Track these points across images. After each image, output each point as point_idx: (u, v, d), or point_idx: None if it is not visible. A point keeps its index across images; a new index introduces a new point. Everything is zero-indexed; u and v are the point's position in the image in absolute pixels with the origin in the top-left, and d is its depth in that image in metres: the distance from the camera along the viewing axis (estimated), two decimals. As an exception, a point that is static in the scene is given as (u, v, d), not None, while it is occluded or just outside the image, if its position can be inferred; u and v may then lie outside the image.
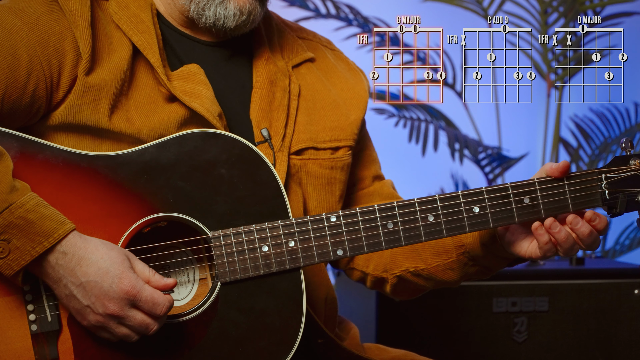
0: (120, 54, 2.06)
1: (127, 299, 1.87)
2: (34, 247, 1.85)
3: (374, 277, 2.30)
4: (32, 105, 2.01)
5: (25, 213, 1.84)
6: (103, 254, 1.87)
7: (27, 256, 1.85)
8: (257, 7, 2.12)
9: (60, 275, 1.87)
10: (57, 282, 1.88)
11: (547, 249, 2.03)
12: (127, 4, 2.12)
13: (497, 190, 2.02)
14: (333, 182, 2.24)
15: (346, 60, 2.38)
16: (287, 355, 1.98)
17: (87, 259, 1.87)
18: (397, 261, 2.26)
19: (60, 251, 1.86)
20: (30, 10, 2.03)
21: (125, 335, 1.90)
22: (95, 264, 1.86)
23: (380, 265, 2.28)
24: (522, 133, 5.12)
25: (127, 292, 1.87)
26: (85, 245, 1.87)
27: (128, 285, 1.87)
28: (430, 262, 2.21)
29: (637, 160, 2.04)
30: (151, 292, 1.88)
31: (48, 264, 1.86)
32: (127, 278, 1.87)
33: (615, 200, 2.04)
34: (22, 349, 1.92)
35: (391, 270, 2.27)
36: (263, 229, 1.98)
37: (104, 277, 1.86)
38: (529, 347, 3.37)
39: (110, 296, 1.86)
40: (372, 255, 2.29)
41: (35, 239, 1.84)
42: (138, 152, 1.97)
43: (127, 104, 2.06)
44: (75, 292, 1.87)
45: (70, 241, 1.86)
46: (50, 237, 1.85)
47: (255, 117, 2.16)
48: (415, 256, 2.23)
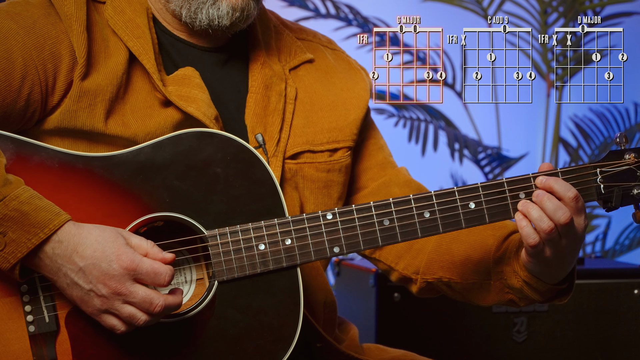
0: (116, 58, 2.06)
1: (127, 275, 1.86)
2: (29, 239, 1.84)
3: (402, 275, 2.28)
4: (26, 109, 2.01)
5: (19, 205, 1.84)
6: (96, 235, 1.87)
7: (24, 248, 1.84)
8: (250, 2, 2.11)
9: (58, 265, 1.86)
10: (56, 273, 1.88)
11: (526, 232, 1.97)
12: (123, 8, 2.11)
13: (492, 185, 2.02)
14: (330, 185, 2.23)
15: (347, 60, 2.37)
16: (285, 353, 1.98)
17: (82, 244, 1.86)
18: (432, 268, 2.23)
19: (56, 240, 1.85)
20: (27, 14, 2.03)
21: (131, 316, 1.87)
22: (91, 247, 1.86)
23: (412, 267, 2.27)
24: (521, 133, 5.13)
25: (127, 267, 1.86)
26: (79, 231, 1.87)
27: (126, 260, 1.86)
28: (467, 279, 2.19)
29: (631, 155, 2.04)
30: (151, 263, 1.87)
31: (45, 255, 1.86)
32: (124, 253, 1.86)
33: (610, 194, 2.03)
34: (20, 350, 1.92)
35: (423, 275, 2.25)
36: (259, 228, 1.98)
37: (100, 257, 1.86)
38: (528, 347, 3.37)
39: (111, 274, 1.85)
40: (405, 253, 2.27)
41: (30, 231, 1.84)
42: (133, 152, 1.97)
43: (123, 109, 2.05)
44: (76, 279, 1.87)
45: (66, 230, 1.86)
46: (45, 228, 1.84)
47: (250, 122, 2.15)
48: (452, 268, 2.21)
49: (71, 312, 1.94)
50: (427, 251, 2.23)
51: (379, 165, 2.33)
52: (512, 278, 2.08)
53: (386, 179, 2.31)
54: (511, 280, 2.09)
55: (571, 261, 2.04)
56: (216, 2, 2.09)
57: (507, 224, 2.18)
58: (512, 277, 2.08)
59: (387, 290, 3.34)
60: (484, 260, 2.15)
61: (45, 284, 1.93)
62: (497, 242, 2.14)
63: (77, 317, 1.94)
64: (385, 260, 2.30)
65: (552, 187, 1.98)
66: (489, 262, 2.14)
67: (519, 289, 2.08)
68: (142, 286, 1.87)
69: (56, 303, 1.93)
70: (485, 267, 2.15)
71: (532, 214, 1.97)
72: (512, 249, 2.10)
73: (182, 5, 2.11)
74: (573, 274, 2.09)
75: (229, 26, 2.12)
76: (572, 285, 2.10)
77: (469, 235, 2.18)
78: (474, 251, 2.17)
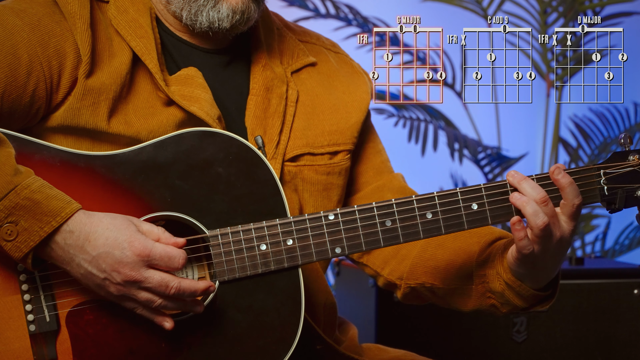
0: (120, 58, 2.06)
1: (141, 261, 1.86)
2: (42, 227, 1.85)
3: (387, 281, 2.29)
4: (31, 106, 2.01)
5: (31, 194, 1.84)
6: (108, 224, 1.87)
7: (36, 237, 1.85)
8: (251, 5, 2.11)
9: (71, 255, 1.87)
10: (70, 263, 1.88)
11: (522, 245, 1.97)
12: (126, 8, 2.11)
13: (495, 187, 2.01)
14: (330, 188, 2.23)
15: (350, 63, 2.36)
16: (286, 353, 1.98)
17: (94, 233, 1.86)
18: (415, 273, 2.23)
19: (67, 230, 1.86)
20: (32, 12, 2.03)
21: (148, 300, 1.88)
22: (103, 235, 1.86)
23: (397, 272, 2.27)
24: (521, 133, 5.13)
25: (140, 254, 1.86)
26: (90, 220, 1.87)
27: (139, 246, 1.86)
28: (449, 284, 2.19)
29: (635, 156, 2.03)
30: (163, 247, 1.88)
31: (57, 245, 1.86)
32: (137, 240, 1.86)
33: (614, 196, 2.03)
34: (20, 349, 1.92)
35: (407, 280, 2.25)
36: (261, 228, 1.98)
37: (113, 245, 1.86)
38: (528, 347, 3.37)
39: (125, 262, 1.86)
40: (390, 259, 2.27)
41: (42, 219, 1.84)
42: (135, 151, 1.97)
43: (126, 108, 2.06)
44: (90, 268, 1.87)
45: (76, 219, 1.86)
46: (57, 216, 1.85)
47: (250, 124, 2.15)
48: (435, 273, 2.21)
49: (72, 311, 1.94)
50: (411, 257, 2.23)
51: (375, 169, 2.33)
52: (495, 281, 2.08)
53: (380, 183, 2.32)
54: (493, 284, 2.08)
55: (556, 264, 2.03)
56: (216, 4, 2.09)
57: (493, 231, 2.17)
58: (494, 279, 2.08)
59: (387, 290, 3.33)
60: (467, 265, 2.15)
61: (46, 283, 1.93)
62: (481, 247, 2.14)
63: (77, 317, 1.94)
64: (372, 265, 2.30)
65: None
66: (472, 266, 2.14)
67: (500, 293, 2.08)
68: (157, 271, 1.87)
69: (57, 302, 1.94)
70: (468, 271, 2.15)
71: (527, 209, 1.97)
72: (497, 252, 2.09)
73: (182, 7, 2.11)
74: (557, 281, 2.09)
75: (229, 29, 2.12)
76: (555, 291, 2.09)
77: (454, 242, 2.18)
78: (457, 257, 2.17)
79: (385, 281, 2.29)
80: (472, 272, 2.14)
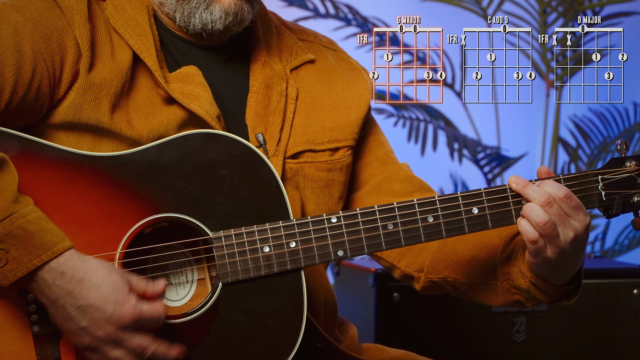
0: (121, 55, 2.06)
1: (131, 325, 1.85)
2: (31, 260, 1.81)
3: (405, 273, 2.28)
4: (36, 102, 2.01)
5: (26, 224, 1.82)
6: (104, 277, 1.85)
7: (24, 268, 1.81)
8: (244, 6, 2.11)
9: (57, 295, 1.84)
10: (54, 303, 1.85)
11: (531, 250, 1.99)
12: (123, 6, 2.11)
13: (495, 191, 2.02)
14: (331, 184, 2.24)
15: (348, 60, 2.37)
16: (288, 355, 1.98)
17: (87, 282, 1.84)
18: (437, 267, 2.23)
19: (58, 271, 1.83)
20: (32, 7, 2.03)
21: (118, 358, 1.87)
22: (97, 289, 1.84)
23: (415, 264, 2.27)
24: (521, 133, 5.13)
25: (131, 318, 1.85)
26: (84, 266, 1.85)
27: (130, 311, 1.85)
28: (472, 279, 2.19)
29: (632, 162, 2.06)
30: (150, 310, 1.87)
31: (45, 282, 1.83)
32: (129, 303, 1.85)
33: (611, 201, 2.05)
34: (23, 350, 1.91)
35: (428, 274, 2.25)
36: (264, 230, 1.98)
37: (106, 303, 1.84)
38: (528, 347, 3.37)
39: (113, 321, 1.84)
40: (406, 252, 2.27)
41: (33, 252, 1.81)
42: (139, 152, 1.97)
43: (127, 105, 2.06)
44: (74, 314, 1.84)
45: (69, 262, 1.84)
46: (49, 250, 1.82)
47: (251, 122, 2.16)
48: (457, 267, 2.21)
49: (74, 312, 1.94)
50: (431, 249, 2.24)
51: (380, 161, 2.33)
52: (519, 279, 2.09)
53: (387, 174, 2.31)
54: (518, 281, 2.09)
55: (576, 261, 2.04)
56: (209, 6, 2.10)
57: None
58: (519, 277, 2.09)
59: (387, 290, 3.34)
60: (490, 261, 2.15)
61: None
62: (504, 242, 2.14)
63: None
64: (388, 258, 2.30)
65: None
66: (495, 263, 2.14)
67: (526, 290, 2.09)
68: (138, 334, 1.87)
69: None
70: (491, 267, 2.15)
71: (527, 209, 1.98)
72: (518, 249, 2.10)
73: (175, 9, 2.12)
74: (580, 275, 2.10)
75: (222, 30, 2.12)
76: (579, 285, 2.10)
77: (474, 235, 2.18)
78: (479, 251, 2.17)
79: (402, 273, 2.29)
80: (495, 268, 2.14)
